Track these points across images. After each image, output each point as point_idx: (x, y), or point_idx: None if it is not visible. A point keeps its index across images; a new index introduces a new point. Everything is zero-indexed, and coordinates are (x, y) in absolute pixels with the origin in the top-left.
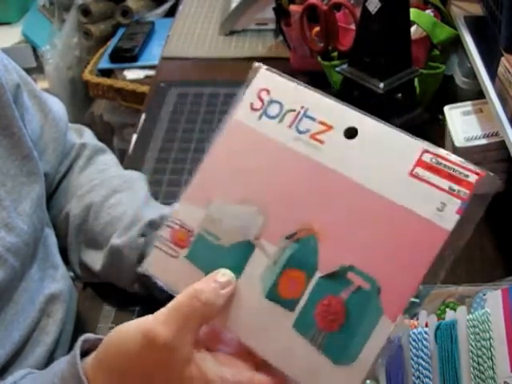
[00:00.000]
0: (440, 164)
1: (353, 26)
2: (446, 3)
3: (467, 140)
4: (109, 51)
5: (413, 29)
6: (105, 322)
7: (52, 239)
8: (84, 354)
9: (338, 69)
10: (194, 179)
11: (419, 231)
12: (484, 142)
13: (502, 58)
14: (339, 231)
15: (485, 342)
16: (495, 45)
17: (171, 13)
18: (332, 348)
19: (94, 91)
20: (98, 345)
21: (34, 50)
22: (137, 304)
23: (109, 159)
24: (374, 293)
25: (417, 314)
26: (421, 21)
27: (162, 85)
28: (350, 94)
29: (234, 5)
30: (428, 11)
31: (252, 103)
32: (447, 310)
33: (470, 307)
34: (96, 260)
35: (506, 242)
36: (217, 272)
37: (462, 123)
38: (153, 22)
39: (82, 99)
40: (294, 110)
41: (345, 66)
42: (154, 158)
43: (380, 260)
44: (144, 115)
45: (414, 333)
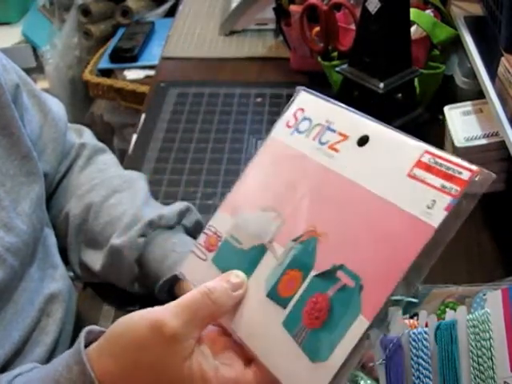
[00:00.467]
0: (437, 164)
1: (353, 26)
2: (446, 3)
3: (467, 140)
4: (109, 51)
5: (413, 29)
6: (105, 322)
7: (51, 239)
8: (87, 346)
9: (337, 69)
10: (231, 191)
11: (406, 228)
12: (484, 141)
13: (502, 58)
14: (338, 232)
15: (485, 342)
16: (495, 45)
17: (171, 13)
18: (311, 345)
19: (94, 91)
20: (101, 336)
21: (34, 49)
22: (137, 304)
23: (108, 159)
24: (356, 290)
25: (417, 314)
26: (421, 21)
27: (162, 85)
28: (350, 93)
29: (234, 5)
30: (428, 11)
31: (288, 121)
32: (447, 309)
33: (470, 307)
34: (96, 260)
35: (505, 242)
36: (230, 273)
37: (462, 123)
38: (153, 22)
39: (82, 99)
40: (319, 125)
41: (345, 66)
42: (154, 158)
43: (367, 258)
44: (144, 115)
45: (413, 333)
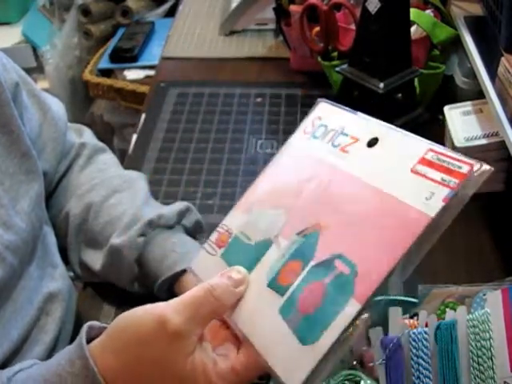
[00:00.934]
0: (439, 160)
1: (353, 26)
2: (446, 3)
3: (467, 140)
4: (109, 51)
5: (413, 29)
6: (105, 322)
7: (51, 238)
8: (89, 342)
9: (337, 69)
10: (245, 192)
11: (403, 218)
12: (484, 141)
13: (502, 58)
14: (340, 225)
15: (485, 342)
16: (495, 45)
17: (171, 13)
18: (303, 329)
19: (94, 91)
20: (102, 332)
21: (34, 49)
22: (137, 304)
23: (108, 159)
24: (351, 277)
25: (417, 314)
26: (421, 21)
27: (162, 85)
28: (350, 93)
29: (234, 5)
30: (428, 11)
31: (305, 128)
32: (447, 309)
33: (470, 307)
34: (96, 260)
35: (505, 242)
36: (232, 269)
37: (462, 123)
38: (153, 22)
39: (82, 99)
40: (333, 130)
41: (345, 66)
42: (154, 158)
43: (365, 246)
44: (144, 115)
45: (413, 333)
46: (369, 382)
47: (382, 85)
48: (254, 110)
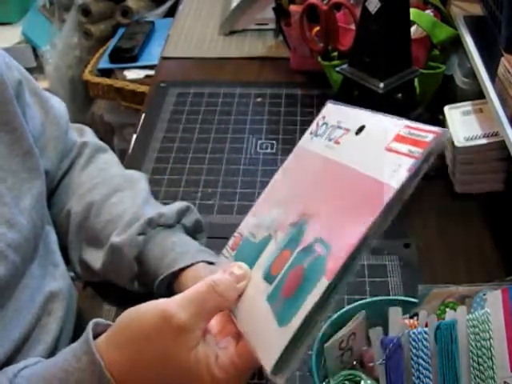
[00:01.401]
0: (410, 134)
1: (353, 26)
2: (445, 3)
3: (467, 140)
4: (109, 51)
5: (413, 29)
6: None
7: (52, 237)
8: (94, 338)
9: (338, 69)
10: (258, 198)
11: (371, 193)
12: (484, 141)
13: (502, 58)
14: (323, 210)
15: (485, 342)
16: (495, 45)
17: (171, 13)
18: (281, 312)
19: (94, 91)
20: (107, 329)
21: (34, 49)
22: (137, 304)
23: (110, 158)
24: (325, 257)
25: (417, 314)
26: (421, 21)
27: (162, 85)
28: (350, 93)
29: (234, 5)
30: (428, 11)
31: (311, 130)
32: (447, 309)
33: (470, 307)
34: (96, 258)
35: (505, 241)
36: (233, 265)
37: (462, 123)
38: (153, 22)
39: (82, 99)
40: (332, 126)
41: (345, 66)
42: (154, 158)
43: (338, 225)
44: (144, 115)
45: (413, 333)
46: (369, 382)
47: (381, 85)
48: (254, 109)
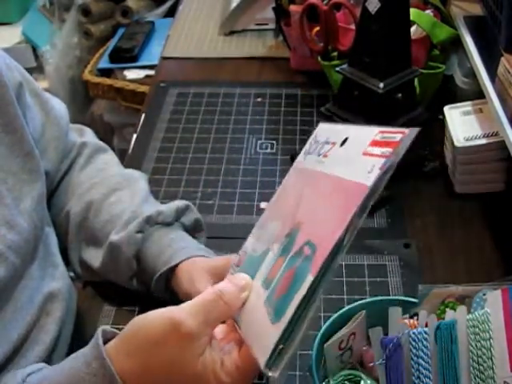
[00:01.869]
0: (384, 137)
1: (353, 26)
2: (445, 3)
3: (467, 140)
4: (109, 51)
5: (413, 29)
6: (105, 322)
7: (52, 238)
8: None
9: (338, 69)
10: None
11: (348, 192)
12: (484, 141)
13: (502, 58)
14: (310, 217)
15: (485, 342)
16: (495, 45)
17: (171, 13)
18: (275, 310)
19: (94, 91)
20: (114, 337)
21: (34, 49)
22: (136, 304)
23: (109, 158)
24: (311, 257)
25: (417, 314)
26: (421, 21)
27: (162, 85)
28: (350, 93)
29: (234, 5)
30: (428, 11)
31: (305, 149)
32: (447, 309)
33: (470, 307)
34: (96, 258)
35: (505, 241)
36: (237, 275)
37: (462, 123)
38: (153, 22)
39: (82, 99)
40: (322, 142)
41: (345, 65)
42: (154, 158)
43: (321, 226)
44: (144, 115)
45: (413, 333)
46: (369, 382)
47: (381, 85)
48: (254, 109)
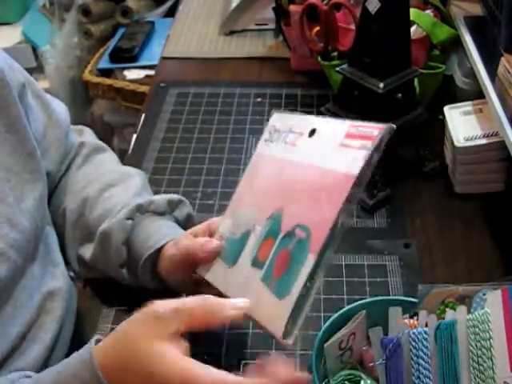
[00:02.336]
0: (359, 131)
1: (353, 26)
2: (445, 3)
3: (467, 140)
4: (109, 51)
5: (413, 29)
6: (104, 322)
7: (53, 237)
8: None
9: (338, 69)
10: (230, 200)
11: (337, 181)
12: (484, 141)
13: (502, 58)
14: (294, 202)
15: (485, 342)
16: (495, 45)
17: (171, 13)
18: (278, 288)
19: (94, 91)
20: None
21: (34, 49)
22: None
23: (107, 157)
24: (307, 238)
25: (417, 314)
26: (421, 21)
27: (162, 85)
28: (350, 94)
29: (234, 5)
30: (428, 11)
31: (265, 138)
32: (447, 309)
33: (470, 307)
34: (89, 250)
35: (505, 241)
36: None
37: (462, 123)
38: (153, 22)
39: (82, 99)
40: (284, 131)
41: (345, 65)
42: (154, 158)
43: (312, 212)
44: (144, 115)
45: (413, 333)
46: (369, 381)
47: (381, 85)
48: (254, 109)
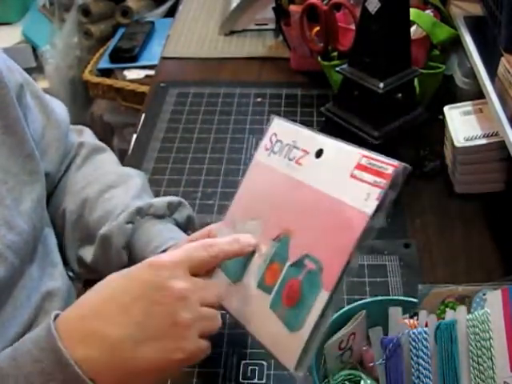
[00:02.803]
0: (371, 164)
1: (353, 26)
2: (445, 3)
3: (467, 140)
4: (109, 51)
5: (413, 29)
6: None
7: (52, 238)
8: None
9: (338, 69)
10: (229, 207)
11: (349, 218)
12: (484, 141)
13: (502, 58)
14: (303, 228)
15: (485, 342)
16: (495, 45)
17: (171, 13)
18: (289, 319)
19: (94, 91)
20: None
21: (34, 49)
22: None
23: (106, 158)
24: (318, 272)
25: (417, 314)
26: (421, 21)
27: (162, 85)
28: (350, 93)
29: (234, 5)
30: (428, 11)
31: (266, 145)
32: (447, 309)
33: (470, 307)
34: (90, 253)
35: (505, 241)
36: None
37: (462, 123)
38: (153, 22)
39: (82, 99)
40: (288, 144)
41: (345, 65)
42: (154, 158)
43: (324, 245)
44: (144, 115)
45: (413, 333)
46: (369, 381)
47: (381, 85)
48: (254, 110)
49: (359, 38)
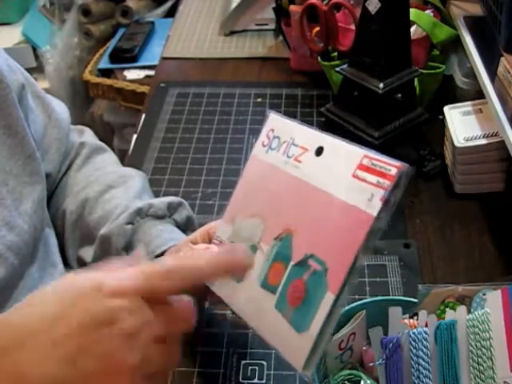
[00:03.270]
0: (373, 164)
1: (353, 26)
2: (445, 3)
3: (467, 140)
4: (109, 51)
5: (413, 29)
6: None
7: (52, 239)
8: None
9: (338, 69)
10: (228, 203)
11: (354, 218)
12: (484, 142)
13: (502, 58)
14: (306, 227)
15: (485, 342)
16: (495, 45)
17: (171, 13)
18: (295, 320)
19: (94, 91)
20: None
21: (34, 50)
22: None
23: (107, 158)
24: (323, 273)
25: (417, 314)
26: (421, 21)
27: (162, 85)
28: (350, 93)
29: (234, 5)
30: (428, 11)
31: (263, 141)
32: (447, 309)
33: (470, 307)
34: (90, 254)
35: (505, 241)
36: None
37: (462, 123)
38: (153, 22)
39: (82, 99)
40: (286, 141)
41: (345, 66)
42: (154, 158)
43: (328, 246)
44: (144, 115)
45: (413, 333)
46: (369, 382)
47: (381, 85)
48: (254, 109)
49: (359, 38)
